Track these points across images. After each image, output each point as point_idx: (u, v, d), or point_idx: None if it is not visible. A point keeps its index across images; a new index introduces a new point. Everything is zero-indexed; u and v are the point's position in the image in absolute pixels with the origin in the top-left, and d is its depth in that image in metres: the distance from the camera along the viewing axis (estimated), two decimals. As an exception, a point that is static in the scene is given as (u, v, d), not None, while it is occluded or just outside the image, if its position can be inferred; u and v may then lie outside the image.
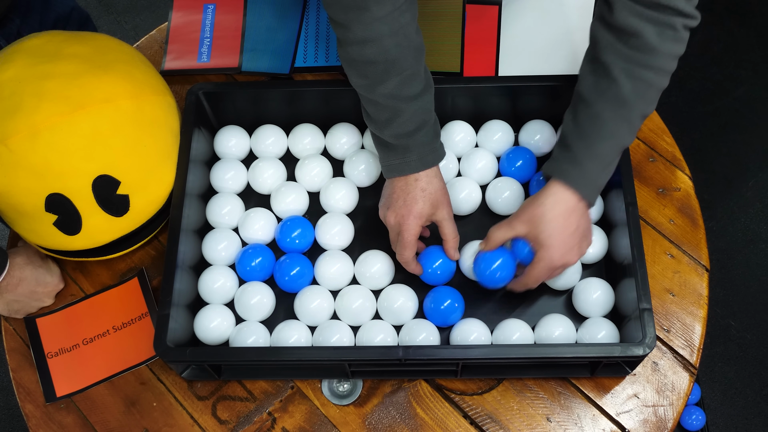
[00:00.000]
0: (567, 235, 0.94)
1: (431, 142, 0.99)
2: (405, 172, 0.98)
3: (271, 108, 1.15)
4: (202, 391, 1.04)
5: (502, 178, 1.11)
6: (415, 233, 0.99)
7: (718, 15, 2.24)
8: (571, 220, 0.94)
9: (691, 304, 1.06)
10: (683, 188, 1.14)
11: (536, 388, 1.01)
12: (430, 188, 0.99)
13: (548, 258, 0.94)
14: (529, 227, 0.95)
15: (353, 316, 1.02)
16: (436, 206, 0.99)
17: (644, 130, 1.18)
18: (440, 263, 1.03)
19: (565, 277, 1.03)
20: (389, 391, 1.02)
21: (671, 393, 1.01)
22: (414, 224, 0.98)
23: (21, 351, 1.09)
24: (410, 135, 0.98)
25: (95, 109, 0.97)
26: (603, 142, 0.94)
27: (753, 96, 2.13)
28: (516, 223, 0.96)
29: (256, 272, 1.06)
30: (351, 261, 1.06)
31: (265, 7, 1.31)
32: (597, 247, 1.05)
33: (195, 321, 1.03)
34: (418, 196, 0.98)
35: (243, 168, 1.14)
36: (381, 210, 1.02)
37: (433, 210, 0.99)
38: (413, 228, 0.98)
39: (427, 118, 0.99)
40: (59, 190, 0.98)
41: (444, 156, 1.01)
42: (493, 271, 0.98)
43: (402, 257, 1.01)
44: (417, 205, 0.98)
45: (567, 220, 0.94)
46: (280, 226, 1.08)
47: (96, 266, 1.13)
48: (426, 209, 0.99)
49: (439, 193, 1.00)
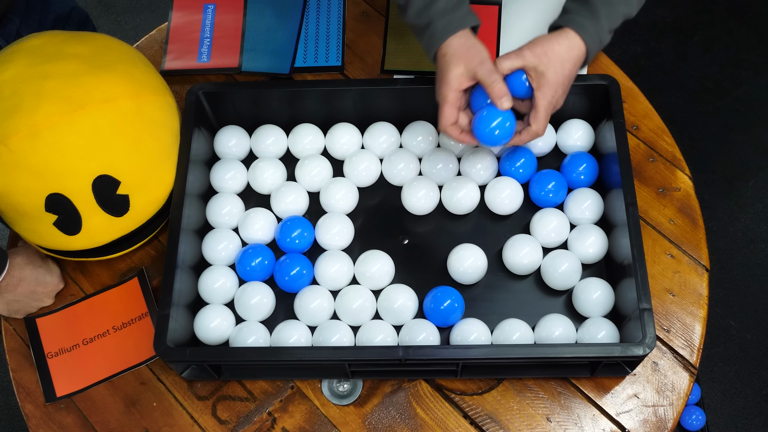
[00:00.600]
0: (566, 79, 0.97)
1: (454, 9, 0.98)
2: (434, 45, 0.97)
3: (271, 108, 1.15)
4: (202, 391, 1.04)
5: (501, 177, 1.11)
6: (450, 100, 0.97)
7: (718, 15, 2.24)
8: (575, 68, 0.98)
9: (691, 304, 1.06)
10: (683, 188, 1.14)
11: (536, 388, 1.01)
12: (461, 49, 0.96)
13: (550, 96, 0.96)
14: (539, 61, 0.96)
15: (353, 317, 1.02)
16: (471, 61, 0.96)
17: (644, 131, 1.19)
18: (499, 122, 0.97)
19: (565, 277, 1.03)
20: (389, 391, 1.02)
21: (671, 393, 1.01)
22: (447, 91, 0.96)
23: (21, 351, 1.09)
24: (428, 6, 0.98)
25: (95, 109, 0.97)
26: (619, 6, 0.98)
27: (753, 96, 2.13)
28: (527, 53, 0.96)
29: (256, 272, 1.06)
30: (351, 261, 1.06)
31: (265, 7, 1.31)
32: (597, 247, 1.05)
33: (195, 321, 1.03)
34: (449, 62, 0.96)
35: (243, 168, 1.14)
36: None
37: (467, 68, 0.96)
38: (448, 96, 0.96)
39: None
40: (59, 190, 0.98)
41: (473, 23, 0.98)
42: (492, 129, 0.97)
43: (441, 127, 0.99)
44: (449, 73, 0.96)
45: (573, 66, 0.97)
46: (280, 226, 1.08)
47: (96, 266, 1.13)
48: (458, 71, 0.96)
49: (472, 50, 0.97)
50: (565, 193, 1.09)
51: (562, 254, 1.04)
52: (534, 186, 1.10)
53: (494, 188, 1.10)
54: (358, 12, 1.31)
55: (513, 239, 1.06)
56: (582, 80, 1.09)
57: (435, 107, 1.13)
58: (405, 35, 1.27)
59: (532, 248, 1.04)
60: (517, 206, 1.10)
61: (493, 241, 1.09)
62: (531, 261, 1.04)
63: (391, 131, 1.14)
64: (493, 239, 1.09)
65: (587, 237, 1.05)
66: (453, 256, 1.05)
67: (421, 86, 1.11)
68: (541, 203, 1.09)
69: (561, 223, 1.06)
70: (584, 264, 1.06)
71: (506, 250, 1.06)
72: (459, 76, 0.96)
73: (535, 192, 1.09)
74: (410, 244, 1.10)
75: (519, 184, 1.10)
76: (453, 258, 1.05)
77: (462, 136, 1.00)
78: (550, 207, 1.09)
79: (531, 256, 1.04)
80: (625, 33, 2.19)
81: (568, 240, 1.07)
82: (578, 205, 1.07)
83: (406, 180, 1.12)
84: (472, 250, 1.05)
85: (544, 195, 1.08)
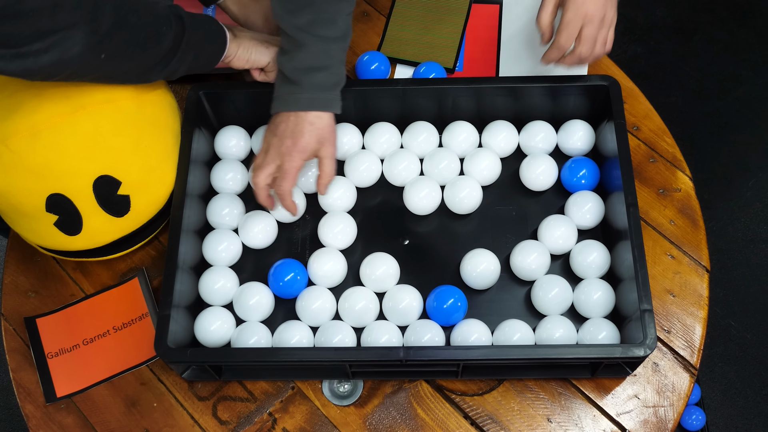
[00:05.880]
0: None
1: (328, 90, 1.01)
2: (293, 107, 1.00)
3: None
4: (202, 392, 1.04)
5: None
6: (297, 166, 1.01)
7: (718, 15, 2.24)
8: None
9: (691, 305, 1.06)
10: (684, 189, 1.14)
11: (537, 389, 1.01)
12: (319, 123, 1.00)
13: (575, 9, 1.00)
14: None
15: (356, 318, 1.02)
16: (322, 142, 1.02)
17: (645, 131, 1.19)
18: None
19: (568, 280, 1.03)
20: (390, 392, 1.02)
21: (671, 394, 1.01)
22: (297, 157, 1.00)
23: (21, 351, 1.09)
24: (306, 72, 0.99)
25: (96, 109, 0.97)
26: None
27: (753, 96, 2.13)
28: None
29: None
30: (343, 256, 1.06)
31: (265, 7, 1.31)
32: (597, 247, 1.05)
33: (195, 324, 1.03)
34: (306, 130, 1.00)
35: (243, 168, 1.14)
36: (265, 136, 1.03)
37: (318, 146, 1.02)
38: (296, 160, 1.00)
39: (330, 64, 1.00)
40: (60, 190, 0.98)
41: (338, 110, 1.02)
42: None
43: (280, 188, 1.02)
44: (303, 138, 1.00)
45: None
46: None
47: (96, 266, 1.13)
48: (312, 144, 1.01)
49: (326, 130, 1.02)
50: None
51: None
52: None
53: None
54: (359, 12, 1.31)
55: (521, 245, 1.05)
56: (582, 81, 1.09)
57: (435, 108, 1.13)
58: (407, 26, 1.27)
59: (540, 254, 1.04)
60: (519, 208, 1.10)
61: (496, 241, 1.09)
62: (538, 266, 1.04)
63: (392, 131, 1.14)
64: (495, 239, 1.09)
65: (589, 244, 1.05)
66: (466, 260, 1.05)
67: (421, 86, 1.11)
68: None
69: (569, 229, 1.06)
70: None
71: (514, 256, 1.05)
72: (309, 149, 1.01)
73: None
74: (412, 245, 1.10)
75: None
76: (466, 262, 1.05)
77: (291, 205, 1.04)
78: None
79: (538, 261, 1.04)
80: (625, 33, 2.19)
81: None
82: (579, 209, 1.07)
83: (407, 180, 1.12)
84: (486, 255, 1.04)
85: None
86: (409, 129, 1.14)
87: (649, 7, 2.22)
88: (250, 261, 1.10)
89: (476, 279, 1.04)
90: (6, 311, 1.11)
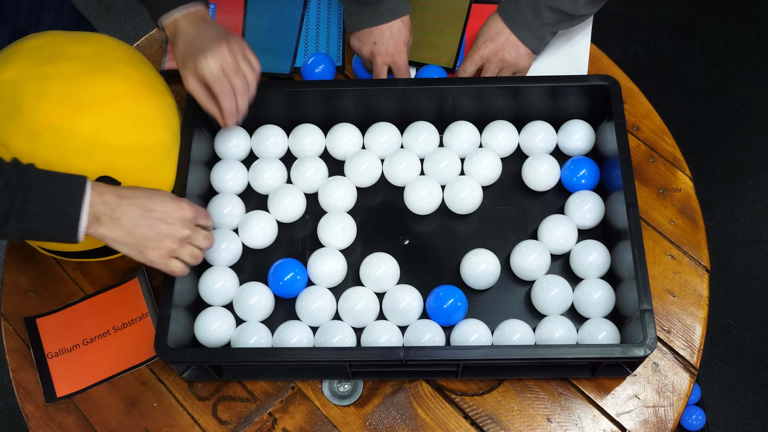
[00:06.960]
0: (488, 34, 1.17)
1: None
2: (378, 21, 1.12)
3: (272, 108, 1.15)
4: (202, 392, 1.04)
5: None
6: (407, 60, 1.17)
7: (718, 15, 2.24)
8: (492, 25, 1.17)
9: (691, 305, 1.06)
10: (684, 189, 1.14)
11: (537, 389, 1.01)
12: (406, 24, 1.14)
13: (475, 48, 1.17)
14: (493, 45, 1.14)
15: (356, 318, 1.02)
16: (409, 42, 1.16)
17: (645, 131, 1.19)
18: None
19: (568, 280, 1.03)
20: (390, 392, 1.02)
21: (671, 394, 1.01)
22: (405, 52, 1.16)
23: (21, 351, 1.09)
24: None
25: (96, 109, 0.97)
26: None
27: (753, 96, 2.13)
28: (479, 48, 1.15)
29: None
30: (343, 256, 1.06)
31: (265, 7, 1.31)
32: (598, 247, 1.05)
33: (195, 324, 1.03)
34: (403, 28, 1.14)
35: (243, 168, 1.14)
36: (365, 46, 1.15)
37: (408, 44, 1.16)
38: (406, 55, 1.16)
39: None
40: (60, 190, 0.98)
41: (409, 10, 1.15)
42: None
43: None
44: (403, 35, 1.14)
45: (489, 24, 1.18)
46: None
47: (96, 266, 1.13)
48: (410, 39, 1.16)
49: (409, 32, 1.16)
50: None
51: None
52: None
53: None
54: (359, 12, 1.31)
55: (521, 245, 1.05)
56: (582, 81, 1.09)
57: (436, 108, 1.13)
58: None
59: (540, 254, 1.04)
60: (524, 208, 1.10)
61: (496, 241, 1.09)
62: (538, 266, 1.04)
63: (393, 131, 1.14)
64: (495, 239, 1.09)
65: (589, 244, 1.05)
66: (466, 260, 1.05)
67: (422, 86, 1.11)
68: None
69: (569, 229, 1.06)
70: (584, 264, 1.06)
71: (514, 256, 1.05)
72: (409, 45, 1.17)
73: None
74: (412, 245, 1.10)
75: None
76: (466, 263, 1.05)
77: None
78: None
79: (538, 261, 1.04)
80: (625, 33, 2.19)
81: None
82: (579, 209, 1.07)
83: (407, 180, 1.12)
84: (486, 255, 1.04)
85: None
86: (410, 129, 1.14)
87: (649, 7, 2.22)
88: (250, 261, 1.10)
89: (476, 279, 1.04)
90: (6, 311, 1.11)
